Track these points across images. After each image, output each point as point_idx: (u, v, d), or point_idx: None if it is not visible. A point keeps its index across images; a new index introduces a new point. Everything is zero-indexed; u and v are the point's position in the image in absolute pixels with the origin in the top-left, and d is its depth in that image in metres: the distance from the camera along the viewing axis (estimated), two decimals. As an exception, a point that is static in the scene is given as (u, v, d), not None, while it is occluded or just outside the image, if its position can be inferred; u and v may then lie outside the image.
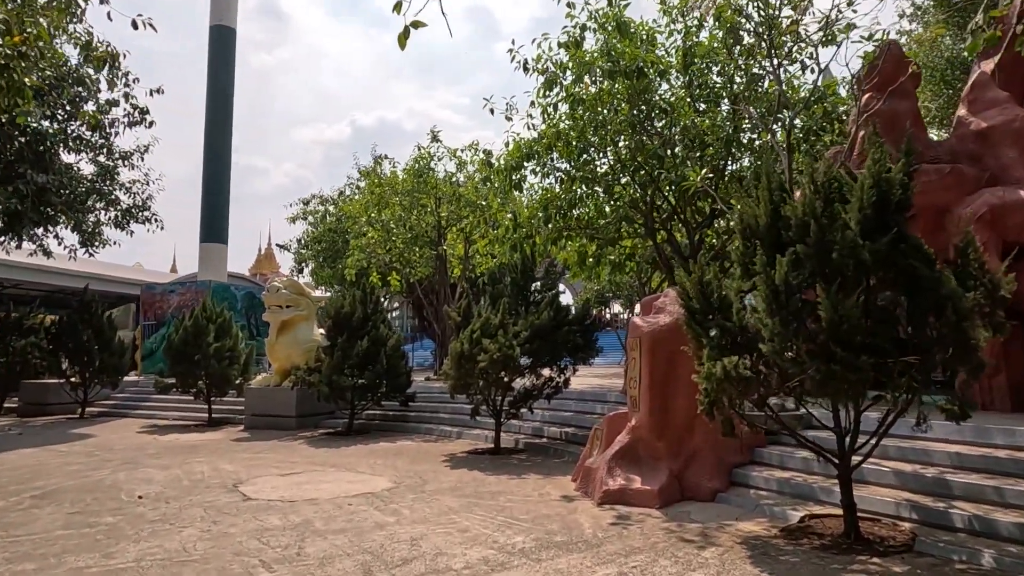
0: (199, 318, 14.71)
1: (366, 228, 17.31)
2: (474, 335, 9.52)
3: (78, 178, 17.10)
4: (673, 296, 6.95)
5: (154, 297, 23.02)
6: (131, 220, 18.50)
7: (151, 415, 16.59)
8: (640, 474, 6.37)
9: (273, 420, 13.66)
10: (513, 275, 10.36)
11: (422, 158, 16.79)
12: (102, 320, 17.22)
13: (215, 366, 14.41)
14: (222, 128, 24.72)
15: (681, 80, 11.43)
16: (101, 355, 16.68)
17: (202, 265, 24.25)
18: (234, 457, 9.84)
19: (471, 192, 16.95)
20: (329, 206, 24.86)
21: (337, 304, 12.81)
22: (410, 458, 9.56)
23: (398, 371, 12.79)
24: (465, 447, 10.67)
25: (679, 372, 6.55)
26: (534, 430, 11.05)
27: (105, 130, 16.92)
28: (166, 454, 10.23)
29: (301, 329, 14.32)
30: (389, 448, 10.64)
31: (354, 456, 9.78)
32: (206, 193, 24.26)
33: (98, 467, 9.03)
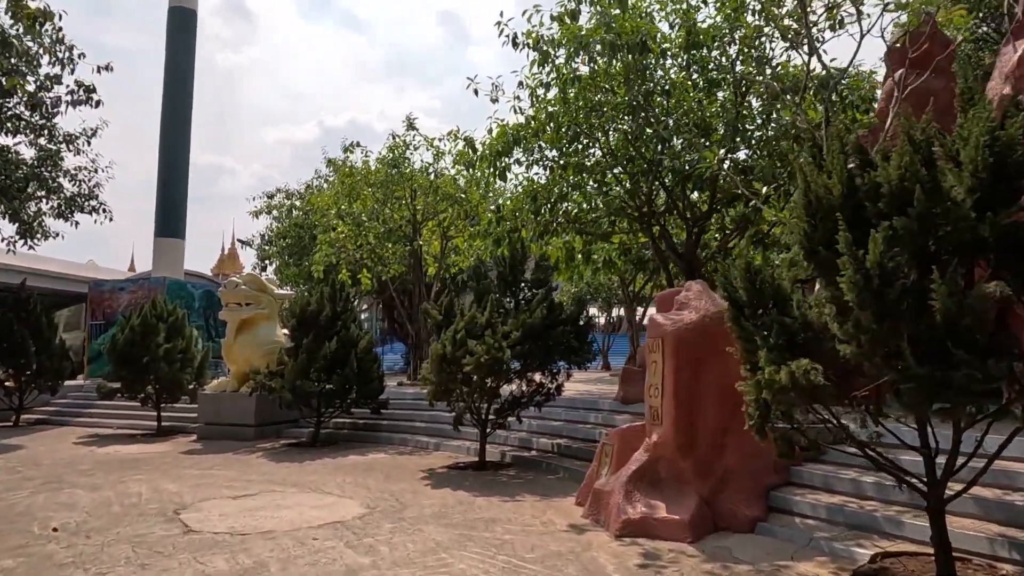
0: (148, 316, 13.31)
1: (335, 222, 16.04)
2: (458, 336, 8.43)
3: (15, 162, 15.55)
4: (698, 290, 5.97)
5: (102, 295, 21.36)
6: (76, 210, 16.96)
7: (94, 423, 15.08)
8: (664, 500, 5.35)
9: (229, 429, 12.34)
10: (500, 269, 9.30)
11: (397, 147, 15.62)
12: (41, 318, 15.64)
13: (165, 369, 13.02)
14: (180, 115, 23.19)
15: (681, 59, 10.52)
16: (39, 357, 15.12)
17: (157, 261, 22.65)
18: (180, 474, 8.57)
19: (449, 185, 15.84)
20: (295, 200, 23.48)
21: (303, 301, 11.58)
22: (384, 474, 8.40)
23: (370, 375, 11.61)
24: (445, 461, 9.55)
25: (707, 378, 5.57)
26: (521, 441, 9.98)
27: (46, 109, 15.41)
28: (100, 470, 8.90)
29: (262, 329, 13.03)
30: (359, 462, 9.46)
31: (320, 473, 8.59)
32: (162, 184, 22.68)
33: (15, 487, 7.68)
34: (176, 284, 21.03)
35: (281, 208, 23.35)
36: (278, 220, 23.38)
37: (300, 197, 23.40)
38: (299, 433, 12.45)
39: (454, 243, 16.34)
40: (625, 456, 6.03)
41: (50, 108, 15.40)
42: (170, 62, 23.25)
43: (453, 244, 16.57)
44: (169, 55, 23.25)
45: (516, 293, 9.15)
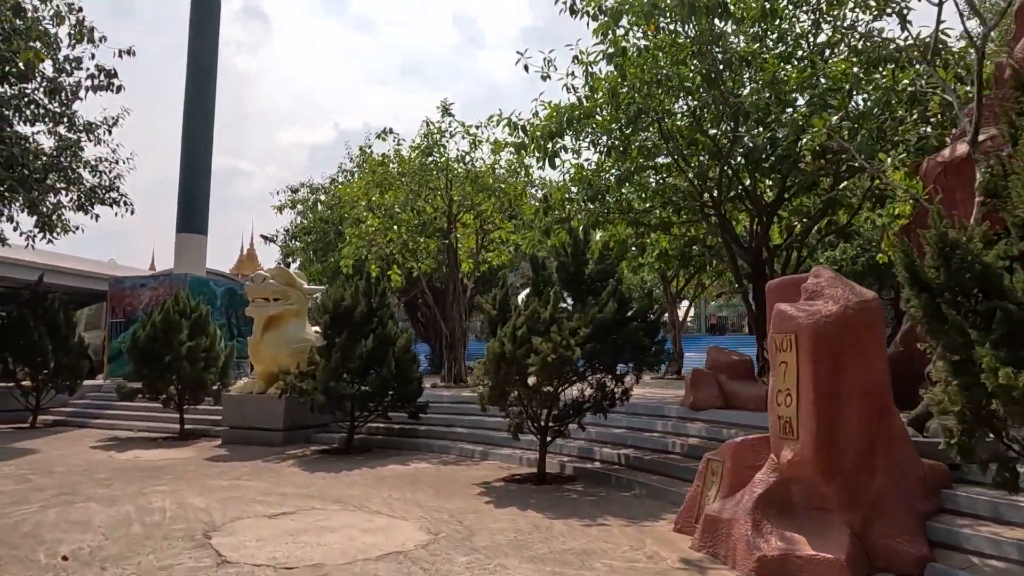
0: (170, 312, 12.49)
1: (365, 214, 15.15)
2: (518, 332, 7.45)
3: (34, 152, 14.83)
4: (830, 276, 4.94)
5: (123, 292, 20.68)
6: (96, 202, 16.23)
7: (113, 425, 14.29)
8: (803, 532, 4.34)
9: (256, 434, 11.46)
10: (561, 259, 8.31)
11: (431, 134, 14.70)
12: (58, 315, 14.91)
13: (188, 369, 12.19)
14: (202, 107, 22.46)
15: (757, 29, 9.49)
16: (56, 355, 14.37)
17: (178, 258, 21.92)
18: (206, 485, 7.67)
19: (487, 175, 14.89)
20: (320, 195, 22.65)
21: (336, 296, 10.67)
22: (434, 489, 7.45)
23: (408, 376, 10.68)
24: (498, 472, 8.58)
25: (850, 380, 4.56)
26: (581, 451, 8.99)
27: (66, 95, 14.69)
28: (119, 479, 8.03)
29: (290, 326, 12.15)
30: (402, 474, 8.52)
31: (361, 486, 7.65)
32: (184, 178, 21.96)
33: (23, 500, 6.82)
34: (198, 281, 20.30)
35: (306, 203, 22.53)
36: (302, 215, 22.58)
37: (325, 192, 22.58)
38: (330, 438, 11.54)
39: (492, 236, 15.40)
40: (739, 476, 5.02)
41: (70, 94, 14.71)
42: (192, 52, 22.55)
43: (491, 238, 15.64)
44: (191, 44, 22.55)
45: (581, 285, 8.15)
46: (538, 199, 12.04)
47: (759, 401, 8.48)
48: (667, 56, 9.41)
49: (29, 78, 14.00)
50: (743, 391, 8.75)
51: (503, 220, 16.13)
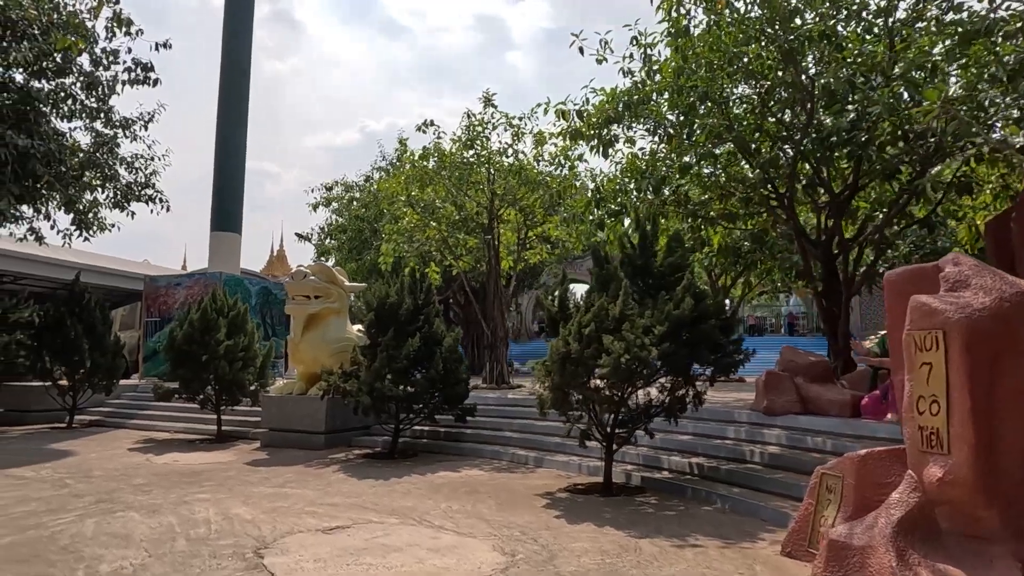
0: (208, 310, 12.12)
1: (405, 209, 14.65)
2: (585, 331, 6.85)
3: (71, 148, 14.61)
4: (973, 264, 4.25)
5: (158, 291, 20.51)
6: (132, 199, 16.01)
7: (149, 426, 14.01)
8: (961, 565, 3.66)
9: (296, 436, 11.02)
10: (627, 251, 7.69)
11: (472, 126, 14.16)
12: (95, 313, 14.67)
13: (226, 369, 11.80)
14: (236, 103, 22.24)
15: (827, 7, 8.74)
16: (92, 354, 14.13)
17: (213, 257, 21.72)
18: (250, 493, 7.19)
19: (531, 168, 14.30)
20: (355, 192, 22.26)
21: (381, 294, 10.17)
22: (495, 500, 6.87)
23: (456, 378, 10.12)
24: (557, 481, 7.98)
25: (1007, 386, 3.87)
26: (645, 459, 8.35)
27: (103, 90, 14.45)
28: (158, 486, 7.60)
29: (331, 325, 11.69)
30: (456, 482, 7.96)
31: (415, 495, 7.10)
32: (218, 175, 21.76)
33: (60, 508, 6.40)
34: (233, 280, 20.02)
35: (340, 200, 22.16)
36: (337, 213, 22.21)
37: (360, 189, 22.19)
38: (372, 442, 11.06)
39: (535, 232, 14.81)
40: (866, 495, 4.36)
41: (106, 89, 14.47)
42: (226, 49, 22.35)
43: (534, 233, 15.05)
44: (226, 41, 22.35)
45: (650, 280, 7.52)
46: (588, 191, 11.40)
47: (843, 406, 7.79)
48: (733, 35, 8.73)
49: (66, 72, 13.78)
50: (824, 395, 8.03)
51: (545, 215, 15.53)
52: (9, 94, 13.53)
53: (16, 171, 12.54)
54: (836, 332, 9.95)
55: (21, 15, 12.28)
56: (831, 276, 10.14)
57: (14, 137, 12.29)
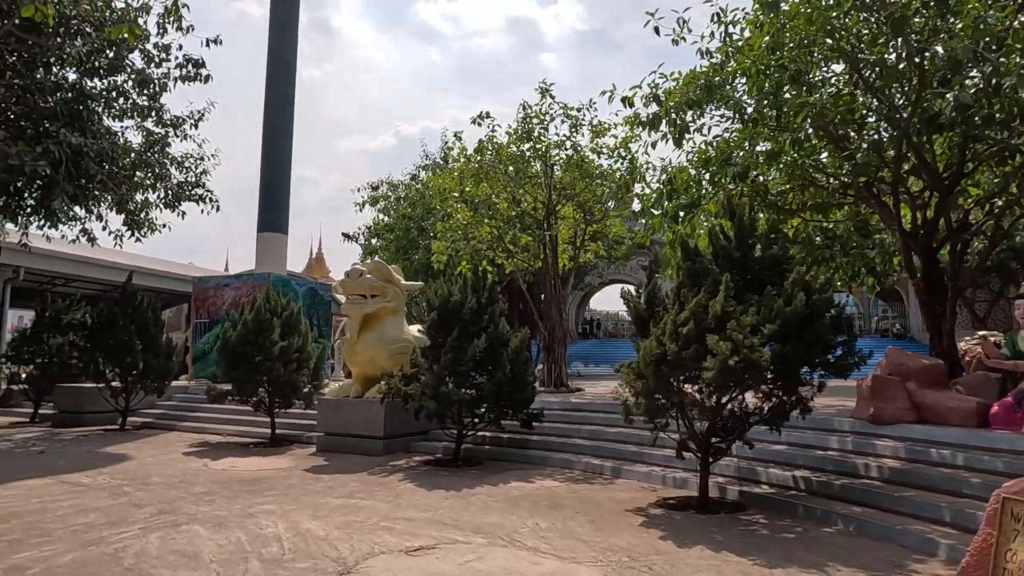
0: (262, 310, 11.75)
1: (459, 205, 14.13)
2: (682, 330, 6.18)
3: (123, 148, 14.47)
4: None
5: (206, 291, 20.40)
6: (183, 199, 15.85)
7: (201, 429, 13.75)
8: None
9: (354, 441, 10.56)
10: (721, 243, 6.99)
11: (529, 118, 13.57)
12: (147, 314, 14.49)
13: (280, 370, 11.42)
14: (283, 101, 22.06)
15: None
16: (145, 355, 13.93)
17: (260, 257, 21.56)
18: (317, 504, 6.70)
19: (590, 162, 13.66)
20: (400, 191, 21.86)
21: (443, 292, 9.63)
22: (584, 516, 6.25)
23: (523, 381, 9.54)
24: (643, 494, 7.32)
25: None
26: (738, 471, 7.63)
27: (154, 87, 14.27)
28: (220, 494, 7.17)
29: (388, 325, 11.21)
30: (534, 494, 7.36)
31: (496, 510, 6.52)
32: (265, 175, 21.59)
33: (120, 520, 5.98)
34: (280, 280, 19.77)
35: (388, 199, 21.79)
36: (384, 212, 21.85)
37: (406, 188, 21.80)
38: (431, 448, 10.54)
39: (593, 228, 14.14)
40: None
41: (158, 86, 14.29)
42: (273, 45, 22.20)
43: (592, 229, 14.39)
44: (272, 37, 22.20)
45: (743, 275, 6.81)
46: (654, 184, 10.73)
47: (968, 415, 6.97)
48: (830, 7, 7.96)
49: (118, 70, 13.62)
50: (943, 402, 7.21)
51: (602, 209, 14.86)
52: (63, 93, 13.45)
53: (70, 170, 12.37)
54: (940, 331, 9.08)
55: (75, 11, 12.11)
56: (932, 270, 9.28)
57: (68, 135, 12.12)
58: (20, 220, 15.43)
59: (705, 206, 9.78)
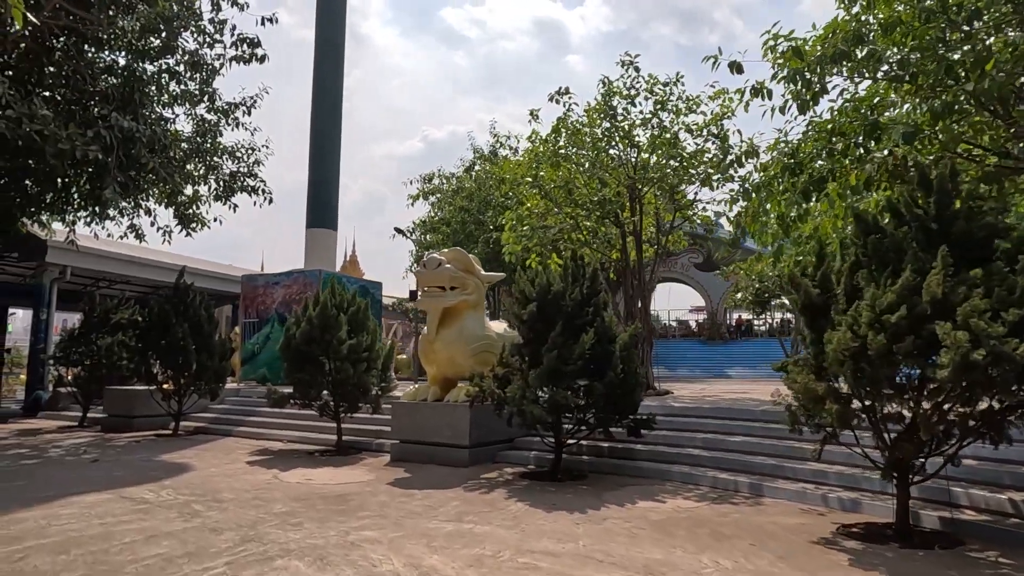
0: (328, 305, 10.72)
1: (533, 191, 12.96)
2: (889, 318, 4.90)
3: (175, 135, 13.62)
4: None
5: (255, 290, 19.56)
6: (235, 190, 14.97)
7: (259, 435, 12.79)
8: None
9: (433, 450, 9.45)
10: (916, 212, 5.68)
11: (611, 94, 12.35)
12: (200, 312, 13.61)
13: (350, 371, 10.37)
14: (330, 95, 21.22)
15: None
16: (199, 356, 13.04)
17: (309, 253, 20.73)
18: (427, 530, 5.57)
19: (679, 143, 12.39)
20: (453, 183, 20.78)
21: (541, 281, 8.47)
22: (764, 548, 5.01)
23: (632, 383, 8.32)
24: (812, 519, 6.05)
25: None
26: (924, 492, 6.29)
27: (207, 70, 13.40)
28: (306, 515, 6.09)
29: (469, 321, 10.08)
30: (676, 516, 6.13)
31: (647, 539, 5.32)
32: (314, 170, 20.76)
33: (199, 551, 4.91)
34: (331, 278, 18.89)
35: (441, 192, 20.74)
36: (438, 207, 20.80)
37: (459, 181, 20.73)
38: (519, 458, 9.40)
39: (682, 215, 12.85)
40: None
41: (211, 69, 13.42)
42: (320, 37, 21.39)
43: (681, 215, 13.10)
44: (319, 29, 21.39)
45: (959, 251, 5.48)
46: (784, 154, 9.42)
47: None
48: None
49: (171, 51, 12.76)
50: None
51: (683, 195, 13.56)
52: (113, 75, 12.64)
53: (121, 158, 11.49)
54: None
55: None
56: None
57: (119, 119, 11.23)
58: (68, 216, 14.74)
59: (840, 179, 8.44)
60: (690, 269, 37.27)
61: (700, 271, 36.76)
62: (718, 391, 13.75)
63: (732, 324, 39.96)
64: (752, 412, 9.42)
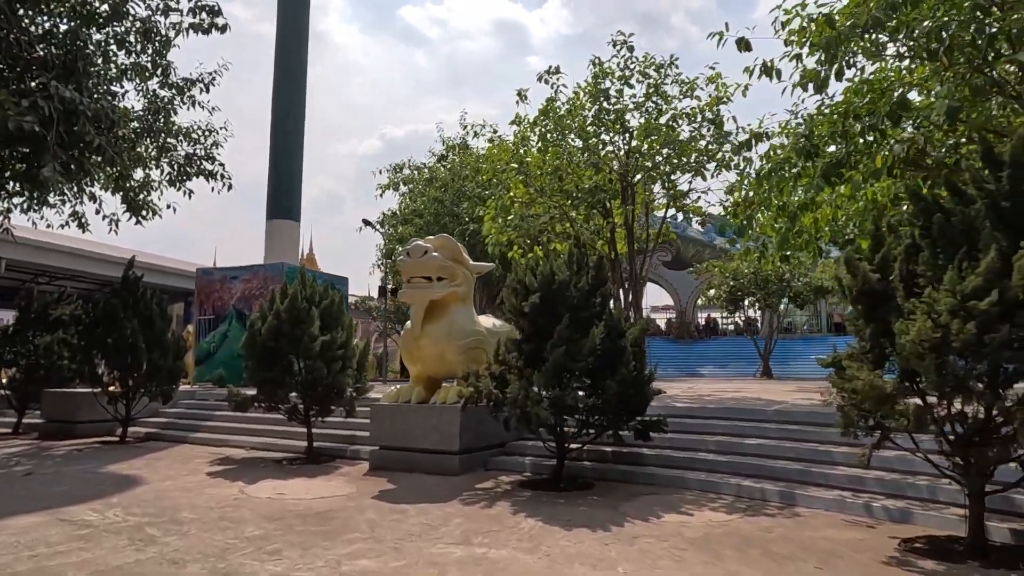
0: (298, 298, 9.70)
1: (518, 178, 12.14)
2: (977, 305, 4.26)
3: (124, 112, 12.36)
4: None
5: (212, 285, 18.25)
6: (190, 176, 13.72)
7: (218, 441, 11.64)
8: None
9: (419, 457, 8.54)
10: (987, 187, 5.06)
11: (600, 75, 11.62)
12: (152, 307, 12.38)
13: (323, 371, 9.39)
14: (293, 81, 20.01)
15: None
16: (151, 355, 11.83)
17: (270, 246, 19.46)
18: (434, 558, 4.70)
19: (671, 131, 11.74)
20: (426, 173, 19.80)
21: (544, 269, 7.65)
22: (833, 570, 4.31)
23: (642, 381, 7.59)
24: (867, 534, 5.39)
25: None
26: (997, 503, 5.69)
27: (160, 40, 12.19)
28: (284, 539, 5.14)
29: (458, 314, 9.21)
30: (714, 533, 5.40)
31: (696, 563, 4.56)
32: (276, 158, 19.50)
33: (162, 594, 3.95)
34: (296, 272, 17.73)
35: (415, 182, 19.74)
36: (411, 196, 19.79)
37: (432, 171, 19.78)
38: (514, 464, 8.59)
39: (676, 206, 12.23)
40: None
41: (165, 39, 12.21)
42: (282, 20, 20.15)
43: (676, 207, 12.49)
44: (281, 12, 20.15)
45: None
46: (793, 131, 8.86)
47: None
48: None
49: (120, 17, 11.51)
50: None
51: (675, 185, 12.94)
52: (54, 43, 11.34)
53: (61, 134, 10.23)
54: None
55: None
56: None
57: (60, 88, 9.97)
58: (1, 202, 13.29)
59: (868, 161, 7.87)
60: (658, 267, 36.98)
61: (669, 269, 36.52)
62: (711, 390, 13.21)
63: (700, 323, 39.87)
64: (764, 413, 8.81)
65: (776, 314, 24.93)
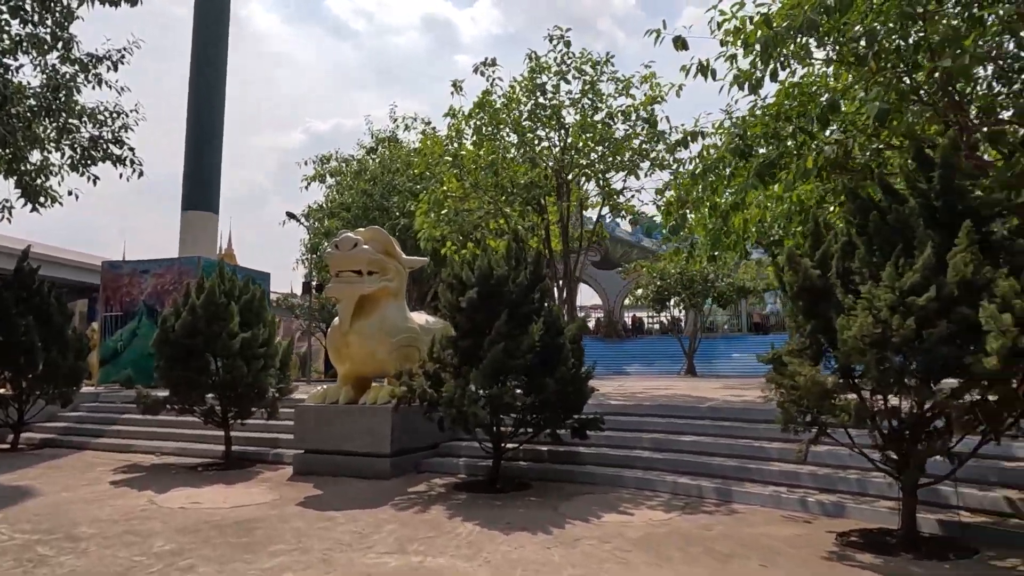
0: (215, 292, 9.07)
1: (452, 172, 11.82)
2: (915, 301, 4.31)
3: (17, 88, 11.29)
4: None
5: (119, 279, 16.99)
6: (95, 160, 12.67)
7: (124, 447, 10.77)
8: None
9: (347, 461, 8.12)
10: (920, 187, 5.17)
11: (537, 70, 11.48)
12: (50, 302, 11.34)
13: (243, 370, 8.81)
14: (212, 64, 18.94)
15: None
16: (48, 354, 10.81)
17: (185, 239, 18.33)
18: (373, 572, 4.38)
19: (605, 128, 11.73)
20: (354, 165, 19.12)
21: (482, 264, 7.40)
22: (779, 569, 4.27)
23: (581, 380, 7.47)
24: (805, 529, 5.42)
25: None
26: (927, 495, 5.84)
27: (61, 10, 11.19)
28: (199, 553, 4.68)
29: (390, 310, 8.83)
30: (657, 533, 5.29)
31: (642, 565, 4.43)
32: (192, 146, 18.38)
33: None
34: (214, 266, 16.75)
35: (343, 175, 19.02)
36: (338, 189, 19.06)
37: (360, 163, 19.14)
38: (448, 465, 8.31)
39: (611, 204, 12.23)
40: None
41: (68, 9, 11.24)
42: (201, 0, 19.03)
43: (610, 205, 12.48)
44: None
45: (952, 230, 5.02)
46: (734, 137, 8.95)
47: None
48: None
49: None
50: None
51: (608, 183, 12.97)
52: (-66, 7, 10.21)
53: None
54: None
55: None
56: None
57: (-59, 59, 8.98)
58: None
59: (799, 162, 8.03)
60: (588, 267, 37.40)
61: (598, 269, 36.97)
62: (642, 388, 13.32)
63: (628, 322, 40.61)
64: (697, 410, 8.87)
65: (700, 314, 25.60)
